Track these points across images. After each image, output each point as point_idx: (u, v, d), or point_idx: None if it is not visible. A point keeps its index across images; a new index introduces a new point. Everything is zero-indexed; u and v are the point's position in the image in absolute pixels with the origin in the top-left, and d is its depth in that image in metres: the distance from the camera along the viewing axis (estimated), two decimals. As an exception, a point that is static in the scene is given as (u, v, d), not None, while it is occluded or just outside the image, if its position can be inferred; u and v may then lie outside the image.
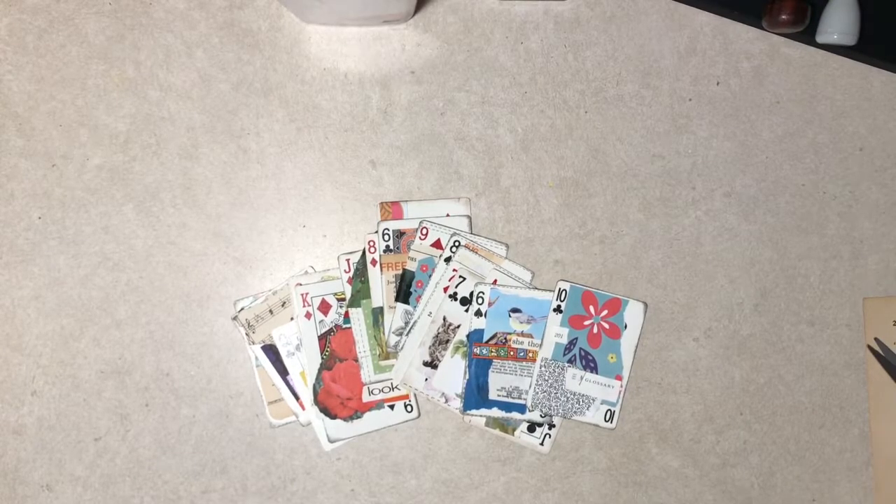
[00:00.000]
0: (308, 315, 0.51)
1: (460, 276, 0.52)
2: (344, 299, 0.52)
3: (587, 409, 0.52)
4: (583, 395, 0.52)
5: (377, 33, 0.52)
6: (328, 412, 0.51)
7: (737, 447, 0.54)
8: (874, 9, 0.51)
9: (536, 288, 0.53)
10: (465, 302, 0.52)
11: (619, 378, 0.53)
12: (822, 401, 0.54)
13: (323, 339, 0.52)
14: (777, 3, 0.50)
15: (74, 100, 0.51)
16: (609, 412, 0.53)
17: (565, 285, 0.53)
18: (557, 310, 0.52)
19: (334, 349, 0.52)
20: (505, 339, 0.52)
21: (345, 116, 0.52)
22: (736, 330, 0.54)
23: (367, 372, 0.52)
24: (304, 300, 0.51)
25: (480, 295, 0.52)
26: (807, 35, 0.52)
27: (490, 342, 0.52)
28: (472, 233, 0.53)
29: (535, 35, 0.53)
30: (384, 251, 0.52)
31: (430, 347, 0.52)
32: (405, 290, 0.52)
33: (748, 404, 0.54)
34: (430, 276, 0.52)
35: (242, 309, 0.52)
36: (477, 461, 0.53)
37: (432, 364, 0.52)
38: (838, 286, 0.54)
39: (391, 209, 0.52)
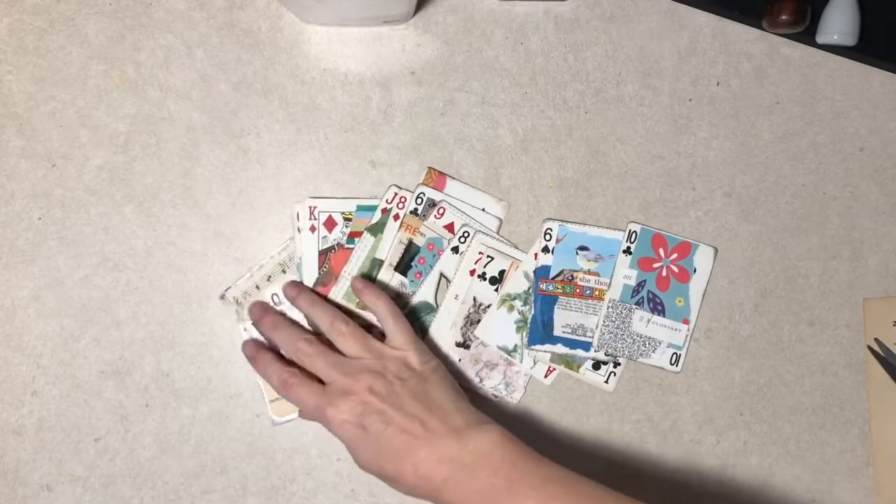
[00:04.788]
0: (312, 228, 0.51)
1: (488, 256, 0.52)
2: (350, 219, 0.52)
3: (653, 351, 0.53)
4: (649, 338, 0.53)
5: (377, 34, 0.52)
6: None
7: (737, 448, 0.54)
8: (874, 9, 0.51)
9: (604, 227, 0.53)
10: (495, 281, 0.53)
11: (686, 322, 0.53)
12: (822, 401, 0.54)
13: (323, 255, 0.52)
14: (777, 4, 0.50)
15: (75, 100, 0.51)
16: (675, 355, 0.53)
17: (636, 227, 0.53)
18: (627, 251, 0.53)
19: (332, 266, 0.52)
20: (571, 276, 0.53)
21: (345, 117, 0.52)
22: (736, 330, 0.54)
23: (338, 291, 0.52)
24: (310, 213, 0.52)
25: (549, 231, 0.53)
26: (807, 35, 0.52)
27: (556, 279, 0.53)
28: (497, 234, 0.53)
29: (535, 35, 0.53)
30: (411, 212, 0.52)
31: (461, 328, 0.53)
32: (406, 261, 0.52)
33: (748, 404, 0.54)
34: (434, 255, 0.52)
35: (229, 287, 0.52)
36: (477, 461, 0.53)
37: (465, 345, 0.52)
38: (838, 286, 0.55)
39: (436, 178, 0.52)
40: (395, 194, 0.52)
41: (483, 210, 0.53)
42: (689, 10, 0.54)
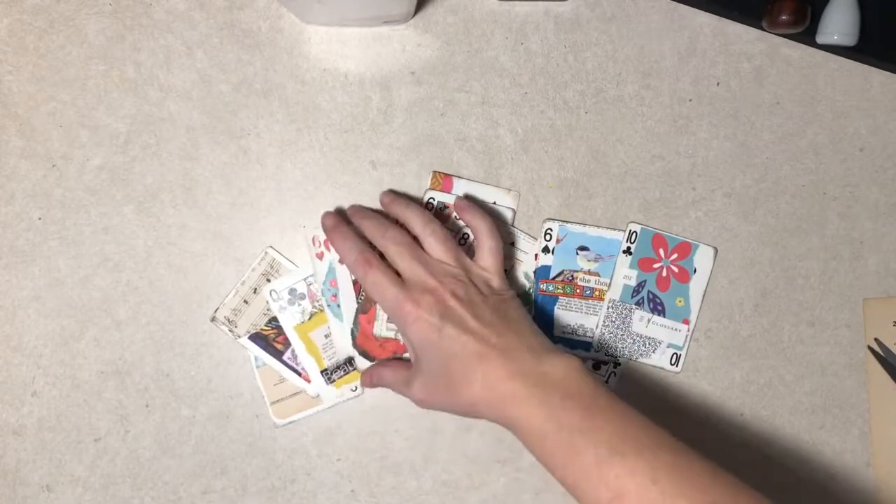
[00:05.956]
0: (341, 260, 0.51)
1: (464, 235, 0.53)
2: None
3: (653, 351, 0.53)
4: (649, 338, 0.53)
5: (377, 34, 0.52)
6: (367, 355, 0.52)
7: (736, 448, 0.54)
8: (874, 9, 0.51)
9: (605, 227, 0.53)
10: None
11: (686, 322, 0.53)
12: (822, 401, 0.54)
13: (357, 283, 0.51)
14: (777, 4, 0.50)
15: (75, 100, 0.51)
16: (675, 355, 0.53)
17: (636, 227, 0.53)
18: (627, 251, 0.53)
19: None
20: (572, 276, 0.53)
21: (345, 117, 0.52)
22: (736, 330, 0.54)
23: (379, 325, 0.52)
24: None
25: (549, 231, 0.52)
26: (807, 35, 0.52)
27: (556, 279, 0.53)
28: (512, 224, 0.53)
29: (535, 36, 0.53)
30: (439, 209, 0.52)
31: None
32: None
33: (748, 404, 0.54)
34: None
35: (218, 308, 0.52)
36: (477, 461, 0.53)
37: None
38: (838, 287, 0.55)
39: (442, 180, 0.52)
40: (430, 200, 0.52)
41: (494, 203, 0.53)
42: (689, 10, 0.54)
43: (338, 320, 0.52)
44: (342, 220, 0.50)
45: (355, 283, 0.52)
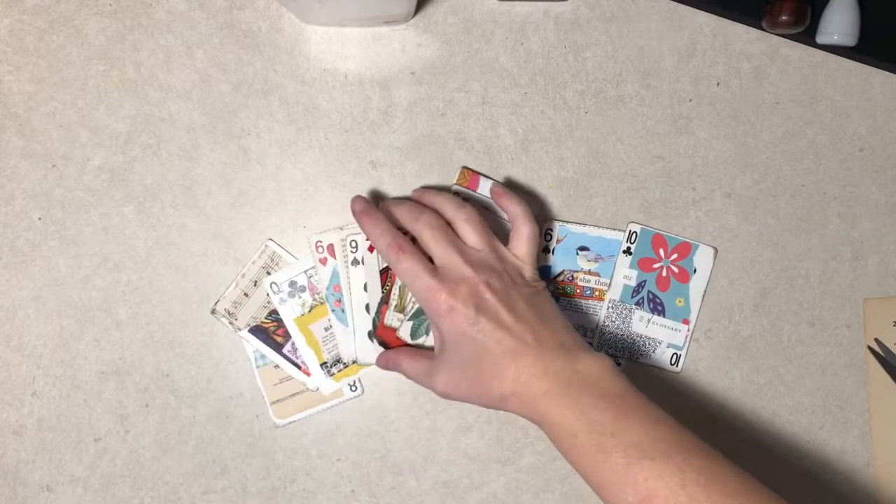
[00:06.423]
0: (371, 248, 0.51)
1: None
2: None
3: (653, 351, 0.53)
4: (649, 338, 0.53)
5: (377, 34, 0.52)
6: (386, 345, 0.51)
7: (737, 448, 0.54)
8: (874, 9, 0.51)
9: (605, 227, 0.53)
10: None
11: (686, 322, 0.53)
12: (822, 401, 0.54)
13: (384, 273, 0.51)
14: (777, 4, 0.50)
15: (75, 100, 0.51)
16: (675, 355, 0.53)
17: (636, 227, 0.53)
18: (627, 252, 0.53)
19: (394, 278, 0.51)
20: (572, 276, 0.53)
21: (345, 117, 0.52)
22: (736, 330, 0.54)
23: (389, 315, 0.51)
24: (349, 244, 0.52)
25: (549, 231, 0.53)
26: (807, 35, 0.52)
27: (557, 279, 0.53)
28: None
29: (535, 36, 0.53)
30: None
31: None
32: None
33: (748, 404, 0.54)
34: None
35: (218, 301, 0.52)
36: (477, 461, 0.53)
37: None
38: (838, 287, 0.55)
39: (470, 177, 0.52)
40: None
41: None
42: (689, 10, 0.54)
43: (343, 325, 0.52)
44: (372, 204, 0.49)
45: (382, 272, 0.51)
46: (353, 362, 0.52)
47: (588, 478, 0.41)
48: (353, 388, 0.53)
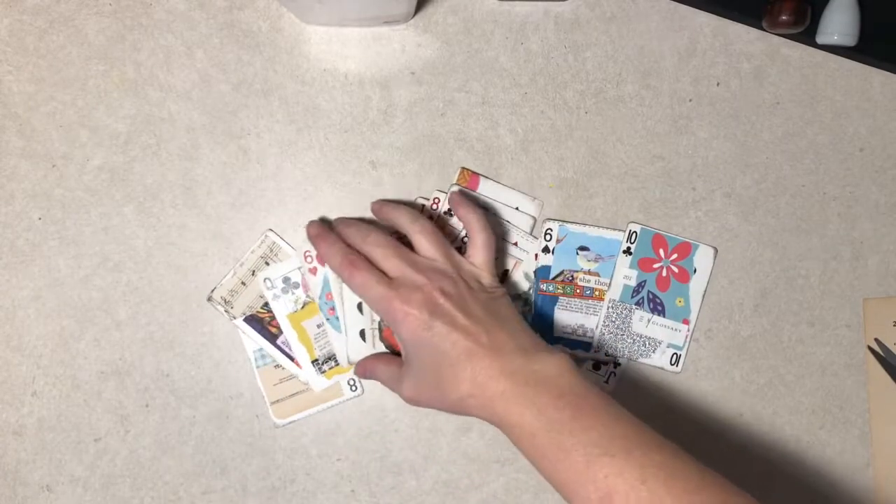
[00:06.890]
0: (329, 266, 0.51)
1: None
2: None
3: (653, 351, 0.53)
4: (649, 338, 0.53)
5: (377, 34, 0.52)
6: (393, 349, 0.51)
7: (736, 448, 0.54)
8: (874, 9, 0.51)
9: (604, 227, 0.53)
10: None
11: (686, 322, 0.53)
12: (822, 401, 0.54)
13: None
14: (777, 4, 0.50)
15: (75, 100, 0.51)
16: (675, 355, 0.53)
17: (636, 227, 0.53)
18: (627, 252, 0.53)
19: None
20: (572, 276, 0.53)
21: (345, 117, 0.52)
22: (736, 330, 0.54)
23: None
24: None
25: (549, 231, 0.52)
26: (807, 35, 0.52)
27: (557, 279, 0.53)
28: (530, 233, 0.53)
29: (535, 36, 0.53)
30: (444, 212, 0.52)
31: None
32: None
33: (748, 404, 0.54)
34: None
35: (215, 289, 0.52)
36: (477, 461, 0.53)
37: None
38: (838, 287, 0.55)
39: (469, 178, 0.52)
40: (437, 199, 0.52)
41: (517, 209, 0.53)
42: (689, 10, 0.54)
43: (337, 332, 0.52)
44: (326, 228, 0.50)
45: None
46: (349, 364, 0.52)
47: (550, 478, 0.41)
48: (353, 388, 0.53)
